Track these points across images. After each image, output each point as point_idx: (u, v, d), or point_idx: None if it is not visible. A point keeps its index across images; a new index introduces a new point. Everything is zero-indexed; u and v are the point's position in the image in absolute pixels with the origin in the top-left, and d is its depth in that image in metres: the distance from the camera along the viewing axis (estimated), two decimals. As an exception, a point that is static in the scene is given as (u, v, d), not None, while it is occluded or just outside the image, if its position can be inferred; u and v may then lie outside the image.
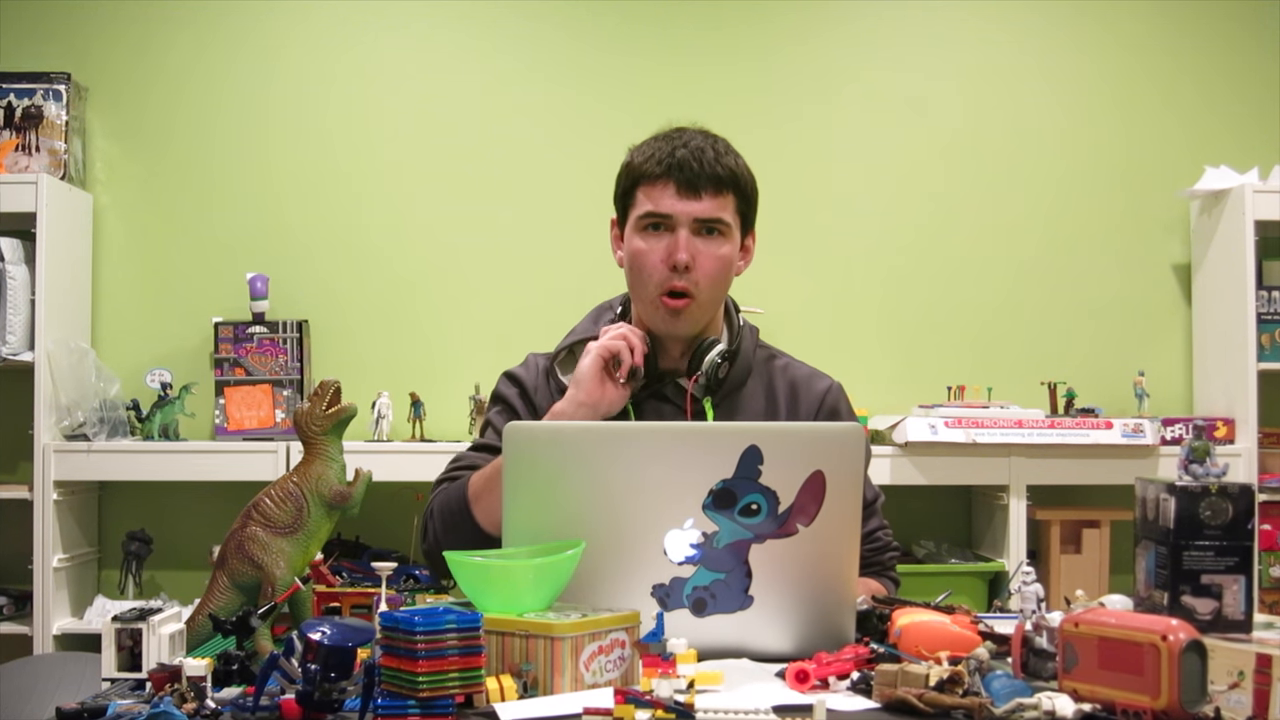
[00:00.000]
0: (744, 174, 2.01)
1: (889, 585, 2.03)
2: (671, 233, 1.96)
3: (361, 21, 3.93)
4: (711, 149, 1.97)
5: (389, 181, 3.92)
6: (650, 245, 1.97)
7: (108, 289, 3.89)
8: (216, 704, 1.32)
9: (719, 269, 1.98)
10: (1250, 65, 3.97)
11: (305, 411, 1.65)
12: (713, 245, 1.97)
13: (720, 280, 1.99)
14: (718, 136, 2.02)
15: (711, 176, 1.95)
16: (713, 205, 1.96)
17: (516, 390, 2.07)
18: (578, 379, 1.93)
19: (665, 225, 1.97)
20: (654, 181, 1.96)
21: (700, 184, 1.95)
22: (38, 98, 3.72)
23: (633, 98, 3.89)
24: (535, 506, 1.57)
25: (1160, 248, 3.97)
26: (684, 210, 1.95)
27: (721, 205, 1.97)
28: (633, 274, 2.01)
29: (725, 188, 1.97)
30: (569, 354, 2.06)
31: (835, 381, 2.11)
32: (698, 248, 1.95)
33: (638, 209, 1.99)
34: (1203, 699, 1.25)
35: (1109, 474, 3.57)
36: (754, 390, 2.04)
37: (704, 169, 1.94)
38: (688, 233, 1.95)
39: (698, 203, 1.95)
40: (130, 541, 3.68)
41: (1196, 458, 1.52)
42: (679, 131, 2.01)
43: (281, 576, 1.57)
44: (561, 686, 1.36)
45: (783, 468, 1.55)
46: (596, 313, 2.13)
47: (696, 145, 1.96)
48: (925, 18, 3.98)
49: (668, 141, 1.98)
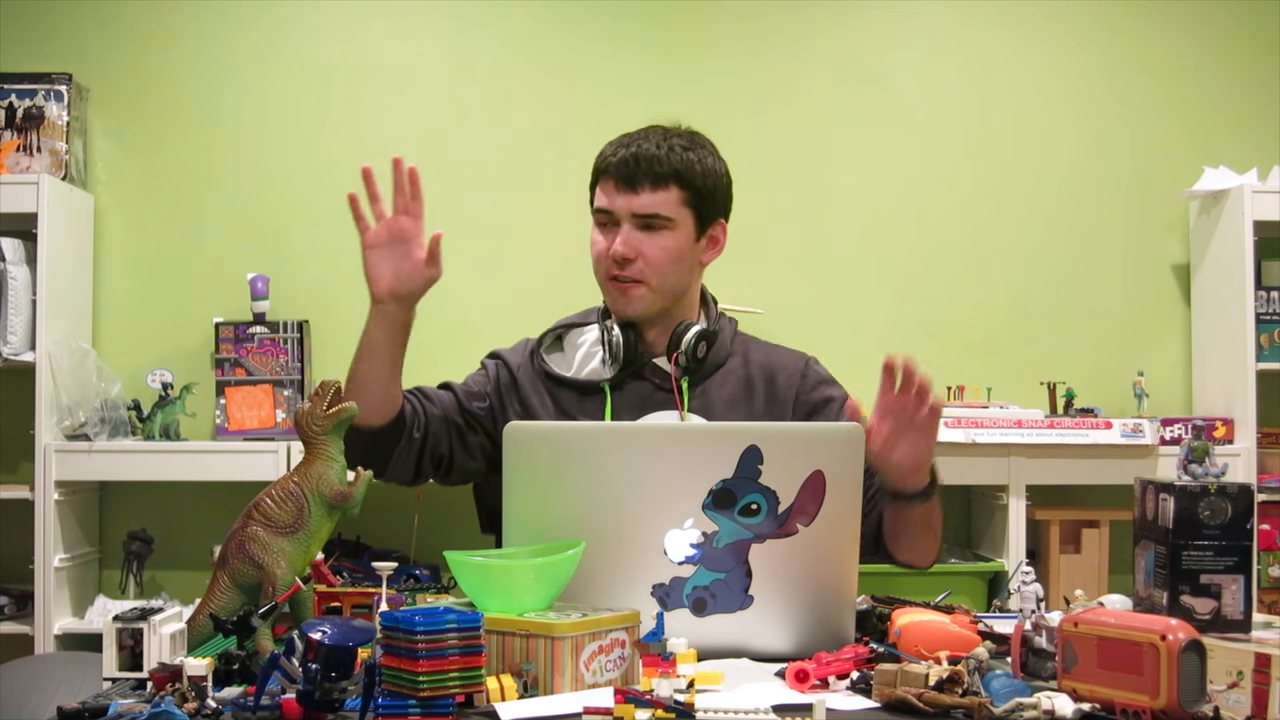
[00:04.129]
0: (694, 167, 2.04)
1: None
2: (617, 226, 2.04)
3: (361, 21, 3.93)
4: (658, 145, 2.03)
5: (389, 181, 3.91)
6: (599, 238, 2.07)
7: (109, 289, 3.90)
8: (217, 703, 1.33)
9: (663, 258, 2.03)
10: (1250, 65, 3.97)
11: (306, 411, 1.65)
12: (656, 238, 2.03)
13: (669, 268, 2.05)
14: (683, 133, 2.08)
15: (649, 173, 2.01)
16: (650, 200, 2.02)
17: (496, 364, 2.15)
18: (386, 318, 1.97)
19: (610, 220, 2.05)
20: (603, 178, 2.06)
21: (636, 180, 2.02)
22: (39, 98, 3.72)
23: (633, 95, 3.89)
24: (535, 506, 1.57)
25: (1159, 248, 3.97)
26: (623, 205, 2.03)
27: (661, 200, 2.02)
28: (592, 263, 2.10)
29: (665, 181, 2.02)
30: (554, 338, 2.15)
31: (809, 356, 2.17)
32: (640, 240, 2.03)
33: (595, 203, 2.09)
34: (1202, 698, 1.26)
35: (1108, 474, 3.57)
36: (733, 368, 2.10)
37: (640, 166, 2.01)
38: (630, 227, 2.03)
39: (635, 197, 2.02)
40: (131, 541, 3.68)
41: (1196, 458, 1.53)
42: (644, 130, 2.08)
43: (282, 576, 1.57)
44: (562, 686, 1.36)
45: (783, 468, 1.56)
46: (586, 310, 2.20)
47: (646, 145, 2.03)
48: (925, 18, 3.98)
49: (623, 140, 2.07)
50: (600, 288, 2.11)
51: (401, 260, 1.97)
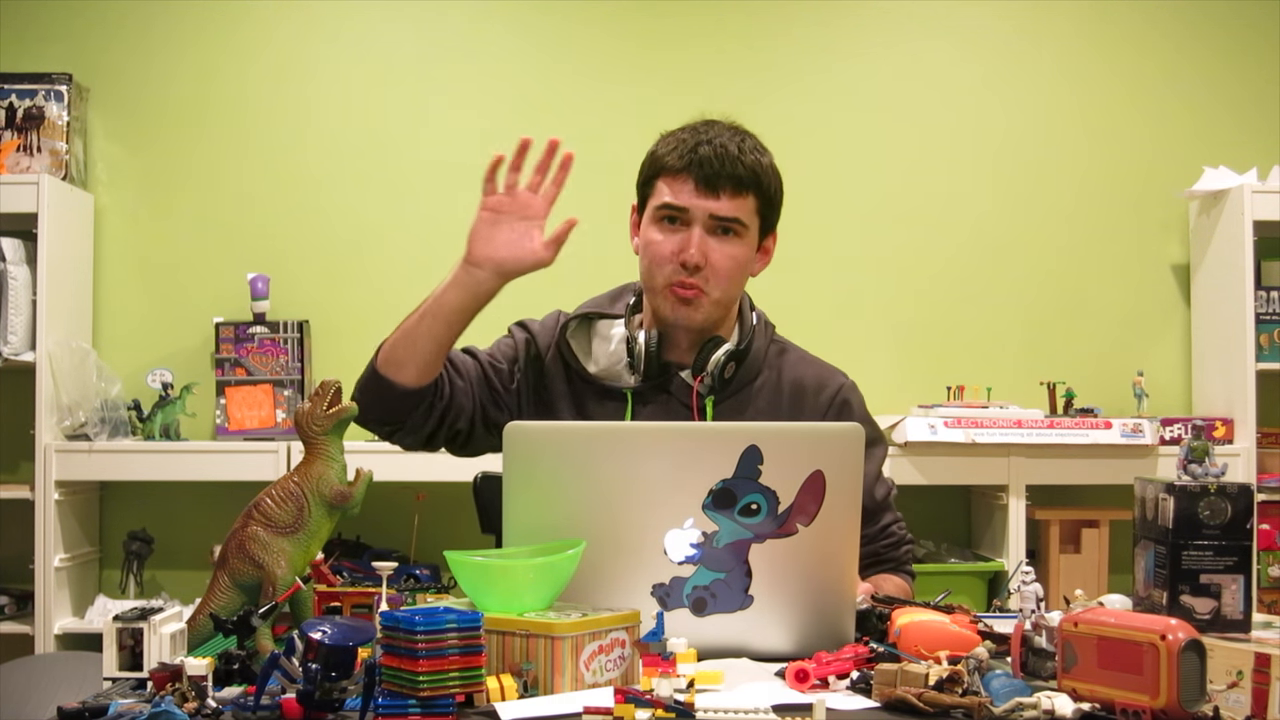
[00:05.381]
0: (767, 174, 1.98)
1: (907, 580, 2.02)
2: (687, 228, 1.94)
3: (363, 21, 3.93)
4: (736, 146, 1.94)
5: (389, 181, 3.92)
6: (664, 237, 1.96)
7: (109, 289, 3.90)
8: (217, 703, 1.33)
9: (731, 269, 1.96)
10: (1249, 65, 3.97)
11: (306, 411, 1.65)
12: (727, 245, 1.95)
13: (732, 281, 1.97)
14: (747, 133, 2.00)
15: (732, 175, 1.93)
16: (731, 204, 1.94)
17: (524, 336, 2.08)
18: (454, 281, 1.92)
19: (681, 219, 1.95)
20: (674, 174, 1.95)
21: (720, 182, 1.92)
22: (39, 98, 3.72)
23: (640, 92, 3.89)
24: (535, 506, 1.57)
25: (1159, 248, 3.97)
26: (701, 206, 1.93)
27: (740, 205, 1.95)
28: (645, 263, 1.99)
29: (746, 187, 1.94)
30: (582, 321, 2.06)
31: (847, 381, 2.09)
32: (711, 246, 1.94)
33: (656, 199, 1.97)
34: (1201, 698, 1.26)
35: (1108, 474, 3.58)
36: (762, 385, 2.03)
37: (724, 167, 1.92)
38: (702, 230, 1.94)
39: (715, 201, 1.93)
40: (131, 541, 3.69)
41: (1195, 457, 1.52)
42: (708, 124, 1.98)
43: (282, 576, 1.57)
44: (562, 686, 1.36)
45: (783, 467, 1.56)
46: (617, 290, 2.12)
47: (721, 141, 1.94)
48: (925, 18, 3.98)
49: (693, 134, 1.96)
50: (651, 291, 2.00)
51: (518, 235, 1.91)
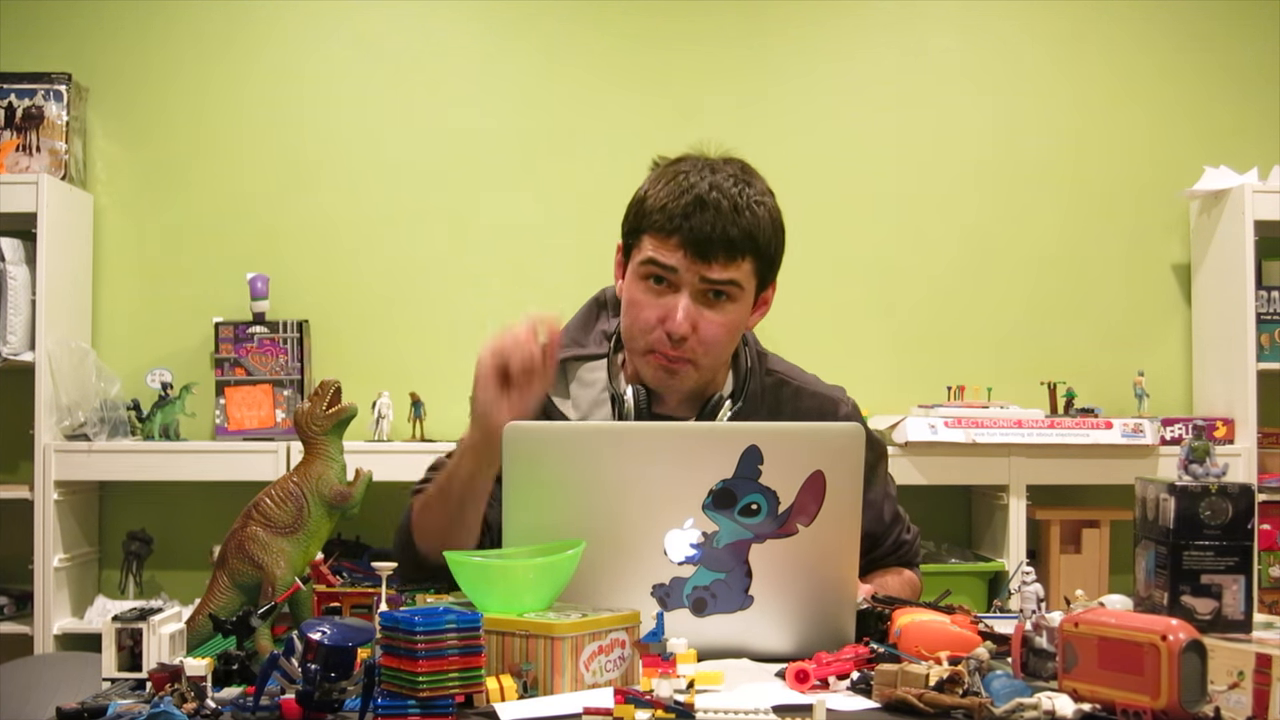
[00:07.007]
0: (766, 232, 1.79)
1: (915, 573, 2.00)
2: (674, 291, 1.78)
3: (363, 21, 3.93)
4: (731, 203, 1.75)
5: (389, 181, 3.92)
6: (648, 300, 1.80)
7: (108, 289, 3.90)
8: (217, 704, 1.32)
9: (721, 337, 1.81)
10: (1250, 65, 3.97)
11: (306, 411, 1.65)
12: (718, 311, 1.80)
13: (723, 347, 1.83)
14: (748, 180, 1.80)
15: (725, 240, 1.75)
16: (724, 270, 1.77)
17: None
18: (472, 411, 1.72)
19: (669, 280, 1.79)
20: (664, 234, 1.77)
21: (712, 249, 1.75)
22: (38, 98, 3.72)
23: (642, 93, 3.89)
24: (535, 506, 1.57)
25: (1160, 248, 3.97)
26: (690, 270, 1.77)
27: (734, 270, 1.78)
28: (626, 321, 1.85)
29: (741, 252, 1.77)
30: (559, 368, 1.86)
31: (849, 405, 1.97)
32: (700, 314, 1.78)
33: (641, 253, 1.80)
34: (1202, 699, 1.25)
35: (1109, 474, 3.58)
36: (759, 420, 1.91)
37: (717, 231, 1.75)
38: (690, 297, 1.78)
39: (707, 268, 1.77)
40: (131, 541, 3.68)
41: (1196, 458, 1.52)
42: (703, 171, 1.79)
43: (282, 576, 1.57)
44: (561, 686, 1.36)
45: (783, 468, 1.55)
46: (587, 312, 1.99)
47: (715, 198, 1.75)
48: (925, 18, 3.98)
49: (686, 189, 1.77)
50: (632, 353, 1.86)
51: (520, 388, 1.70)
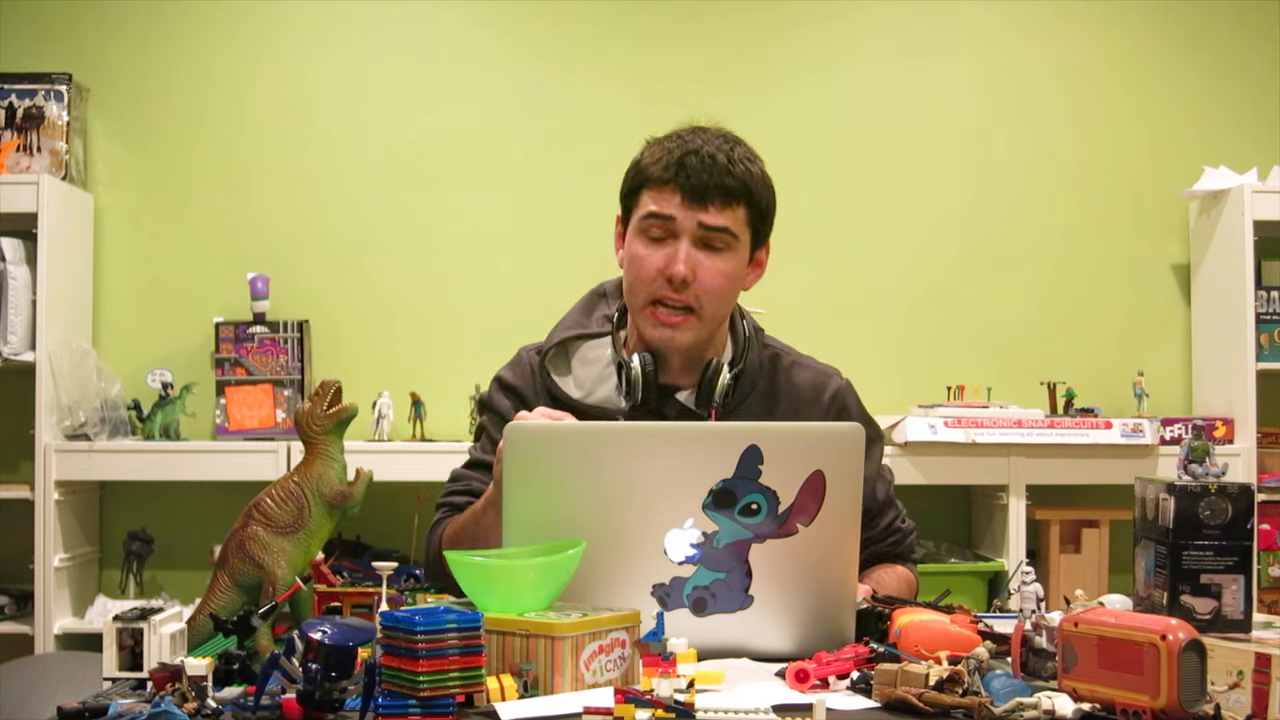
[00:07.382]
0: (759, 184, 1.89)
1: (911, 569, 2.00)
2: (674, 240, 1.86)
3: (362, 21, 3.93)
4: (725, 155, 1.85)
5: (389, 181, 3.92)
6: (649, 251, 1.87)
7: (109, 289, 3.90)
8: (217, 703, 1.32)
9: (721, 285, 1.88)
10: (1250, 65, 3.97)
11: (306, 411, 1.65)
12: (716, 259, 1.87)
13: (723, 296, 1.89)
14: (737, 141, 1.91)
15: (720, 186, 1.84)
16: (720, 215, 1.85)
17: (511, 402, 1.97)
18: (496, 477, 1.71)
19: (667, 231, 1.86)
20: (660, 185, 1.86)
21: (708, 193, 1.84)
22: (39, 98, 3.72)
23: (642, 93, 3.89)
24: (535, 506, 1.57)
25: (1159, 248, 3.97)
26: (688, 216, 1.85)
27: (729, 216, 1.86)
28: (628, 278, 1.92)
29: (735, 198, 1.86)
30: (559, 349, 1.97)
31: (843, 381, 2.02)
32: (699, 260, 1.86)
33: (640, 209, 1.89)
34: (1202, 698, 1.26)
35: (1108, 474, 3.58)
36: (758, 400, 1.97)
37: (713, 177, 1.84)
38: (690, 243, 1.85)
39: (704, 212, 1.85)
40: (131, 541, 3.69)
41: (1196, 457, 1.52)
42: (694, 132, 1.90)
43: (282, 576, 1.57)
44: (562, 686, 1.36)
45: (783, 468, 1.56)
46: (588, 301, 2.04)
47: (709, 150, 1.85)
48: (925, 17, 3.98)
49: (680, 143, 1.87)
50: (633, 310, 1.92)
51: None
